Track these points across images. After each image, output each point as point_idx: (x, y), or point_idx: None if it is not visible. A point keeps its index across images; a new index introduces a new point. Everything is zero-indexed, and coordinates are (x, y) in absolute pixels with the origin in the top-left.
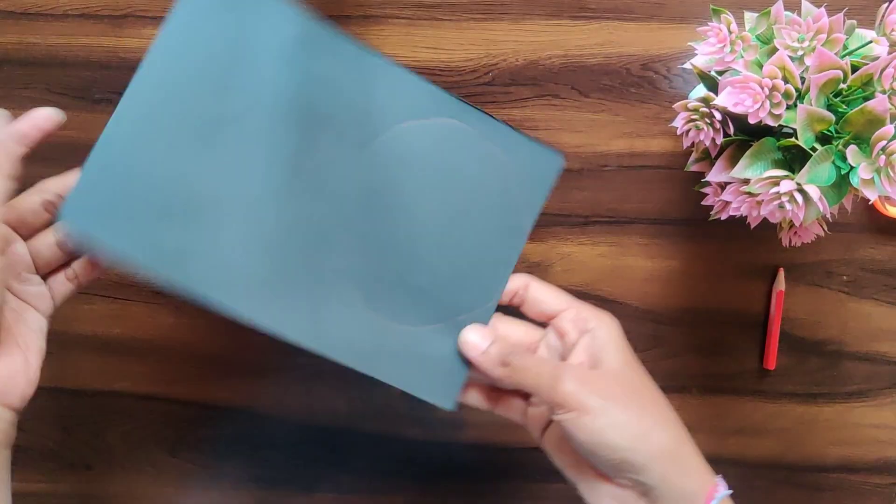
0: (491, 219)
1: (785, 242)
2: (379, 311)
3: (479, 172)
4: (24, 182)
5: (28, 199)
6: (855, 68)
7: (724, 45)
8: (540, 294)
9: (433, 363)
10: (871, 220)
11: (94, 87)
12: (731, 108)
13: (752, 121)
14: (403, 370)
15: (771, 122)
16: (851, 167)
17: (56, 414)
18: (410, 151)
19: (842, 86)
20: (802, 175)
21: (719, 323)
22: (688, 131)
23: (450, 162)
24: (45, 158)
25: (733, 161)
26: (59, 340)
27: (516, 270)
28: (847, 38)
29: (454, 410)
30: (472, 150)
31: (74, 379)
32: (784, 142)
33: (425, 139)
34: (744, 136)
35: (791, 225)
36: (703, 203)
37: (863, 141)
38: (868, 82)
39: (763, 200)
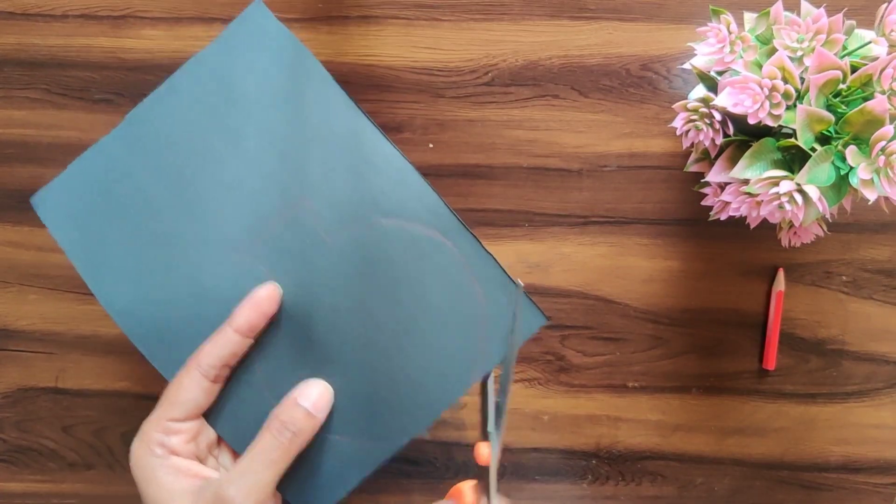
0: (440, 359)
1: (784, 243)
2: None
3: (448, 304)
4: (23, 181)
5: (191, 383)
6: (854, 69)
7: (724, 46)
8: None
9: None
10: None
11: (94, 87)
12: (731, 109)
13: (751, 121)
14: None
15: (770, 123)
16: (851, 167)
17: (56, 414)
18: (384, 252)
19: (841, 86)
20: (802, 175)
21: (719, 323)
22: (687, 132)
23: (421, 280)
24: (43, 159)
25: (733, 161)
26: (60, 341)
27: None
28: (846, 39)
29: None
30: (450, 278)
31: (75, 379)
32: (783, 142)
33: (405, 245)
34: (743, 136)
35: (791, 225)
36: (702, 203)
37: (862, 141)
38: (867, 83)
39: (763, 201)
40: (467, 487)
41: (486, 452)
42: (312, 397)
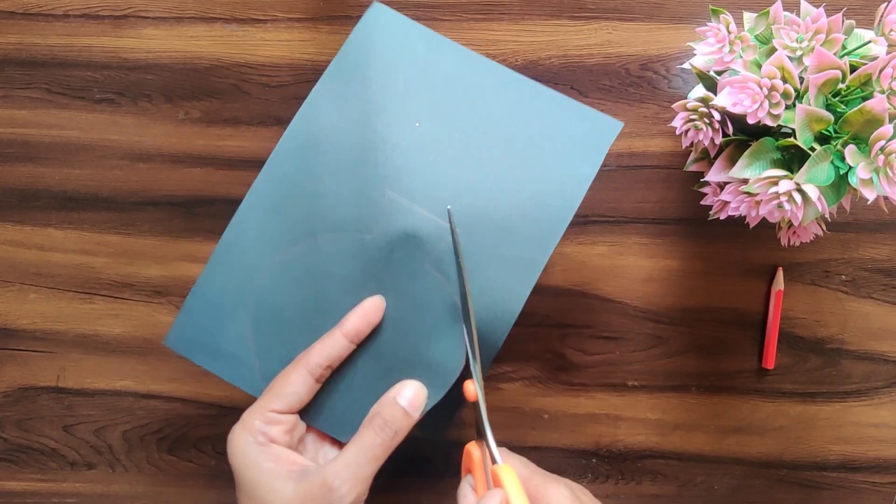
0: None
1: (784, 242)
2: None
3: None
4: (23, 181)
5: (298, 379)
6: (853, 68)
7: (723, 46)
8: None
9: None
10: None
11: (95, 87)
12: (730, 108)
13: (750, 121)
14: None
15: (770, 122)
16: (850, 167)
17: (57, 413)
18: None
19: (840, 86)
20: (801, 175)
21: (718, 322)
22: (687, 131)
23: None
24: (43, 159)
25: (732, 161)
26: (60, 340)
27: None
28: (846, 38)
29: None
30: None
31: (75, 378)
32: (783, 142)
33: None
34: (743, 135)
35: (790, 224)
36: (702, 203)
37: (861, 141)
38: (867, 82)
39: (762, 200)
40: (471, 447)
41: (473, 388)
42: (409, 396)
